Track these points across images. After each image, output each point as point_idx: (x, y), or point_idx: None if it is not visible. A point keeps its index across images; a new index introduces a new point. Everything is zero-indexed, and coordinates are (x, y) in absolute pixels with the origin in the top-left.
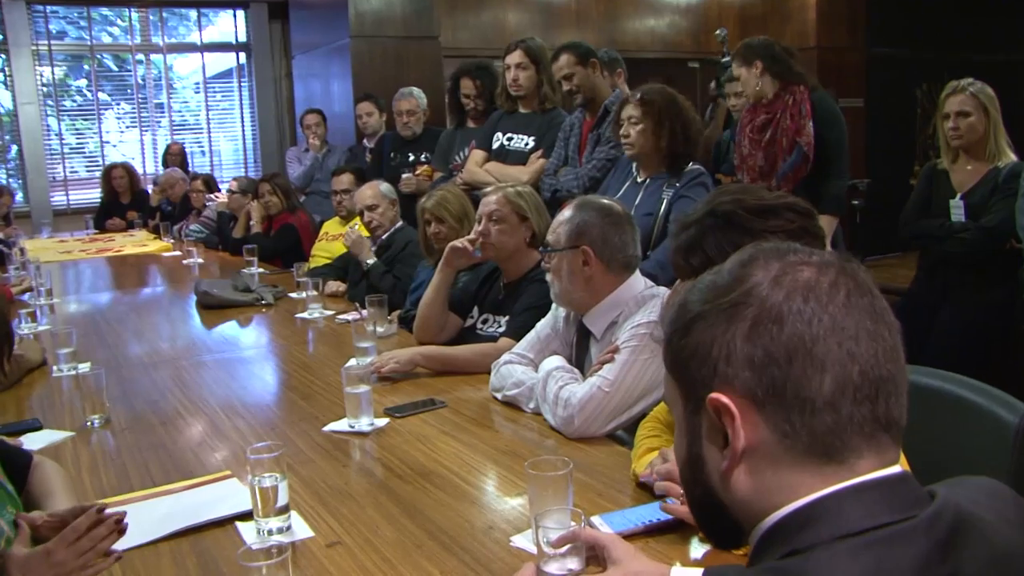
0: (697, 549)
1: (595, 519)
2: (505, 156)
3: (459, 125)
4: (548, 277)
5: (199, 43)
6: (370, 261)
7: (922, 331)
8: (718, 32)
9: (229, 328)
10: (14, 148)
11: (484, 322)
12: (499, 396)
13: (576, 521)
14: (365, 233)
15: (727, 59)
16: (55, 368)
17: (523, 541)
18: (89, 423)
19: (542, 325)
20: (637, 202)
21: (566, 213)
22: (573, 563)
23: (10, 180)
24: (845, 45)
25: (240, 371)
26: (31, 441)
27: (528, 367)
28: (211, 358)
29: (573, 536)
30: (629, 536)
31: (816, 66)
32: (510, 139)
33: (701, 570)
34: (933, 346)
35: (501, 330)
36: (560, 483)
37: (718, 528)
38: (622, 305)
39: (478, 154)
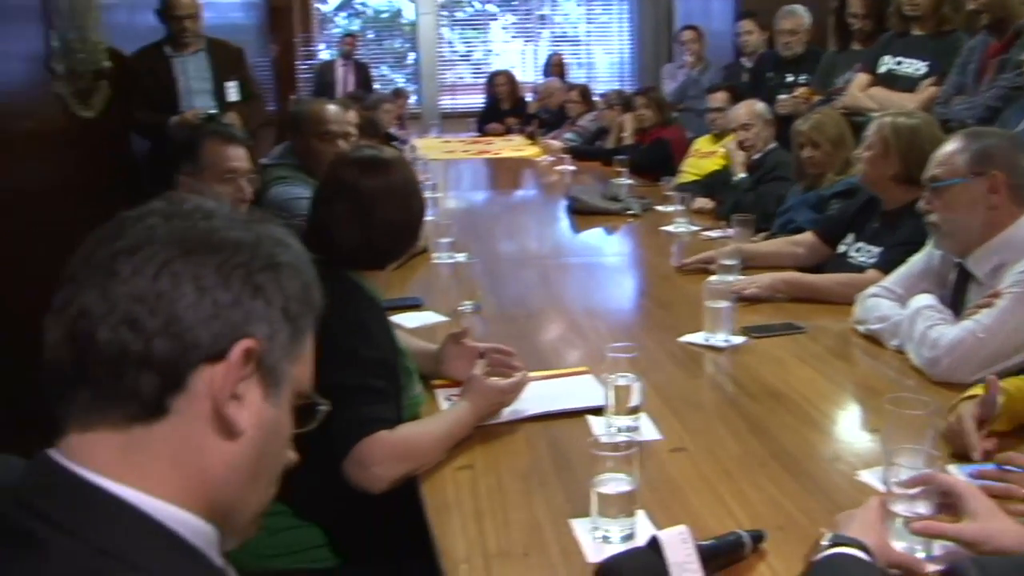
0: None
1: (951, 468)
2: (892, 82)
3: (843, 47)
4: (933, 218)
5: None
6: (740, 175)
7: None
8: None
9: (596, 235)
10: (412, 55)
11: (857, 251)
12: (861, 329)
13: (934, 465)
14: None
15: None
16: (435, 256)
17: (870, 477)
18: (462, 307)
19: (916, 260)
20: None
21: (955, 144)
22: (922, 507)
23: (408, 84)
24: None
25: (601, 276)
26: (413, 320)
27: (895, 303)
28: (576, 260)
29: (927, 479)
30: None
31: None
32: (899, 63)
33: None
34: None
35: (872, 260)
36: (920, 423)
37: None
38: (1013, 247)
39: (862, 78)
